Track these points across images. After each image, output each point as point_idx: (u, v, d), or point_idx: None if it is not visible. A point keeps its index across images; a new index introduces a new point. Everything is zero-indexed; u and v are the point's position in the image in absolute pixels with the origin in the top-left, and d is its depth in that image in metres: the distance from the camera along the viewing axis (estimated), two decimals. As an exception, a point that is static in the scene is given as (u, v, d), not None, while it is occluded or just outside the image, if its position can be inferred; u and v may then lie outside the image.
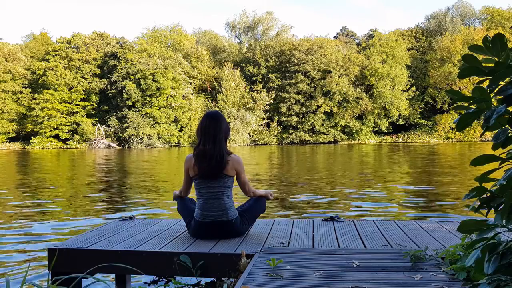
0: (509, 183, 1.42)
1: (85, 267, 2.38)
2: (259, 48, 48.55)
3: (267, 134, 45.06)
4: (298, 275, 2.03)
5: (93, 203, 7.17)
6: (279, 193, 7.94)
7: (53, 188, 9.63)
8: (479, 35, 44.40)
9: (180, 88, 43.39)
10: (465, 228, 1.52)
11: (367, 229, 3.14)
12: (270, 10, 62.73)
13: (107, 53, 45.85)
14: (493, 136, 1.43)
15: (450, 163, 15.55)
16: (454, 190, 8.10)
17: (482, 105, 1.41)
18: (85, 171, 14.70)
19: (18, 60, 46.66)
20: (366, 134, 45.98)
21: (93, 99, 45.08)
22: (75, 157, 25.23)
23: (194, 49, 49.22)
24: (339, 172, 12.77)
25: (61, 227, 5.30)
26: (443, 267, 2.07)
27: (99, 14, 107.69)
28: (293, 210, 6.21)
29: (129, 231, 3.17)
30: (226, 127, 2.99)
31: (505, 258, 1.44)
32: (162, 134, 42.47)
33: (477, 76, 1.43)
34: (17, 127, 45.01)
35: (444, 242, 2.71)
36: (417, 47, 50.56)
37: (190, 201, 3.21)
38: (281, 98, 45.52)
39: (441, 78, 45.37)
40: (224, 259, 2.52)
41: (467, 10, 52.08)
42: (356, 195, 7.56)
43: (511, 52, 1.37)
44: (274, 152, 27.97)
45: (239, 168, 3.00)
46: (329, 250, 2.53)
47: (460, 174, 11.26)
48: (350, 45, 51.49)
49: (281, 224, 3.37)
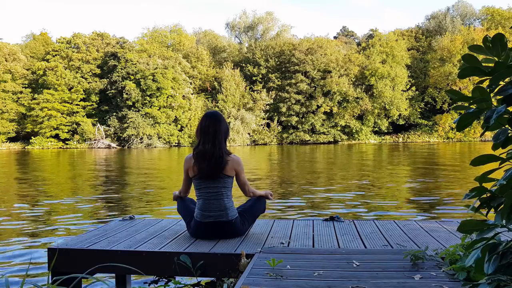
0: (509, 183, 1.42)
1: (85, 267, 2.38)
2: (259, 48, 48.51)
3: (267, 134, 45.02)
4: (298, 275, 2.03)
5: (93, 203, 7.17)
6: (279, 193, 7.94)
7: (53, 188, 9.63)
8: (479, 35, 44.38)
9: (180, 88, 43.37)
10: (465, 228, 1.52)
11: (367, 229, 3.14)
12: (270, 10, 62.84)
13: (107, 53, 45.83)
14: (493, 136, 1.43)
15: (450, 163, 15.55)
16: (454, 190, 8.10)
17: (482, 105, 1.41)
18: (85, 171, 14.70)
19: (18, 60, 46.61)
20: (366, 134, 45.96)
21: (93, 99, 45.05)
22: (75, 157, 25.23)
23: (194, 49, 49.19)
24: (339, 172, 12.77)
25: (61, 227, 5.30)
26: (443, 267, 2.07)
27: (99, 14, 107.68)
28: (293, 210, 6.21)
29: (129, 231, 3.17)
30: (225, 127, 2.99)
31: (505, 258, 1.44)
32: (162, 134, 42.45)
33: (477, 76, 1.43)
34: (17, 127, 44.98)
35: (444, 242, 2.71)
36: (417, 47, 50.51)
37: (190, 201, 3.21)
38: (281, 98, 45.49)
39: (441, 78, 45.36)
40: (224, 259, 2.52)
41: (467, 10, 52.06)
42: (356, 195, 7.56)
43: (511, 52, 1.37)
44: (274, 152, 27.96)
45: (238, 168, 3.00)
46: (329, 250, 2.53)
47: (460, 174, 11.26)
48: (350, 45, 51.44)
49: (281, 224, 3.37)
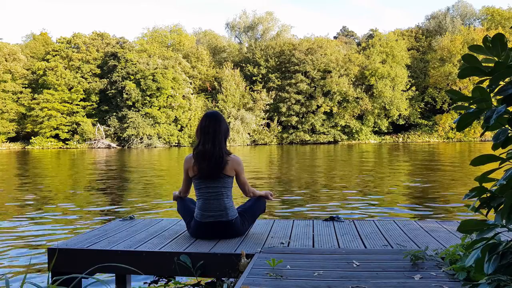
0: (509, 183, 1.42)
1: (85, 267, 2.38)
2: (259, 48, 48.51)
3: (267, 134, 45.03)
4: (298, 275, 2.03)
5: (93, 203, 7.17)
6: (279, 193, 7.93)
7: (53, 188, 9.63)
8: (479, 35, 44.37)
9: (180, 88, 43.38)
10: (465, 228, 1.52)
11: (367, 229, 3.14)
12: (270, 10, 62.75)
13: (107, 53, 45.84)
14: (493, 136, 1.43)
15: (450, 163, 15.55)
16: (454, 190, 8.10)
17: (482, 105, 1.41)
18: (85, 171, 14.70)
19: (18, 60, 46.62)
20: (366, 134, 45.97)
21: (93, 99, 45.07)
22: (75, 157, 25.23)
23: (194, 49, 49.20)
24: (339, 172, 12.77)
25: (61, 227, 5.30)
26: (443, 267, 2.07)
27: (99, 14, 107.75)
28: (293, 210, 6.21)
29: (129, 231, 3.17)
30: (225, 127, 2.99)
31: (505, 258, 1.44)
32: (162, 134, 42.46)
33: (477, 76, 1.43)
34: (17, 127, 44.99)
35: (444, 242, 2.71)
36: (417, 47, 50.53)
37: (190, 201, 3.21)
38: (281, 98, 45.50)
39: (441, 78, 45.36)
40: (224, 259, 2.52)
41: (467, 10, 52.08)
42: (356, 195, 7.56)
43: (511, 52, 1.37)
44: (274, 152, 27.96)
45: (238, 168, 3.00)
46: (329, 250, 2.53)
47: (460, 174, 11.25)
48: (350, 45, 51.43)
49: (281, 224, 3.37)
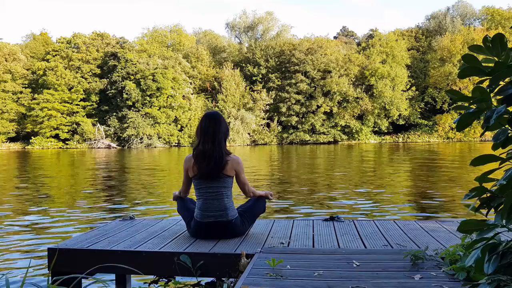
0: (509, 183, 1.42)
1: (85, 267, 2.38)
2: (259, 48, 48.49)
3: (267, 134, 45.02)
4: (298, 275, 2.03)
5: (93, 203, 7.17)
6: (279, 193, 7.93)
7: (53, 188, 9.63)
8: (479, 35, 44.36)
9: (180, 88, 43.37)
10: (465, 228, 1.52)
11: (367, 229, 3.14)
12: (270, 10, 62.62)
13: (107, 53, 45.83)
14: (493, 136, 1.43)
15: (450, 163, 15.55)
16: (454, 190, 8.09)
17: (482, 105, 1.41)
18: (85, 171, 14.70)
19: (18, 60, 46.62)
20: (366, 134, 45.95)
21: (93, 99, 45.07)
22: (75, 157, 25.22)
23: (194, 49, 49.18)
24: (339, 172, 12.77)
25: (61, 227, 5.30)
26: (443, 267, 2.07)
27: (99, 14, 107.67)
28: (293, 210, 6.21)
29: (129, 231, 3.17)
30: (225, 127, 2.99)
31: (505, 258, 1.44)
32: (162, 134, 42.46)
33: (477, 76, 1.43)
34: (17, 127, 44.99)
35: (444, 242, 2.71)
36: (417, 47, 50.52)
37: (190, 201, 3.21)
38: (281, 98, 45.49)
39: (441, 78, 45.36)
40: (224, 259, 2.52)
41: (467, 10, 52.05)
42: (356, 195, 7.56)
43: (511, 52, 1.37)
44: (274, 152, 27.96)
45: (238, 168, 3.00)
46: (329, 250, 2.53)
47: (460, 174, 11.25)
48: (350, 45, 51.39)
49: (281, 224, 3.37)
